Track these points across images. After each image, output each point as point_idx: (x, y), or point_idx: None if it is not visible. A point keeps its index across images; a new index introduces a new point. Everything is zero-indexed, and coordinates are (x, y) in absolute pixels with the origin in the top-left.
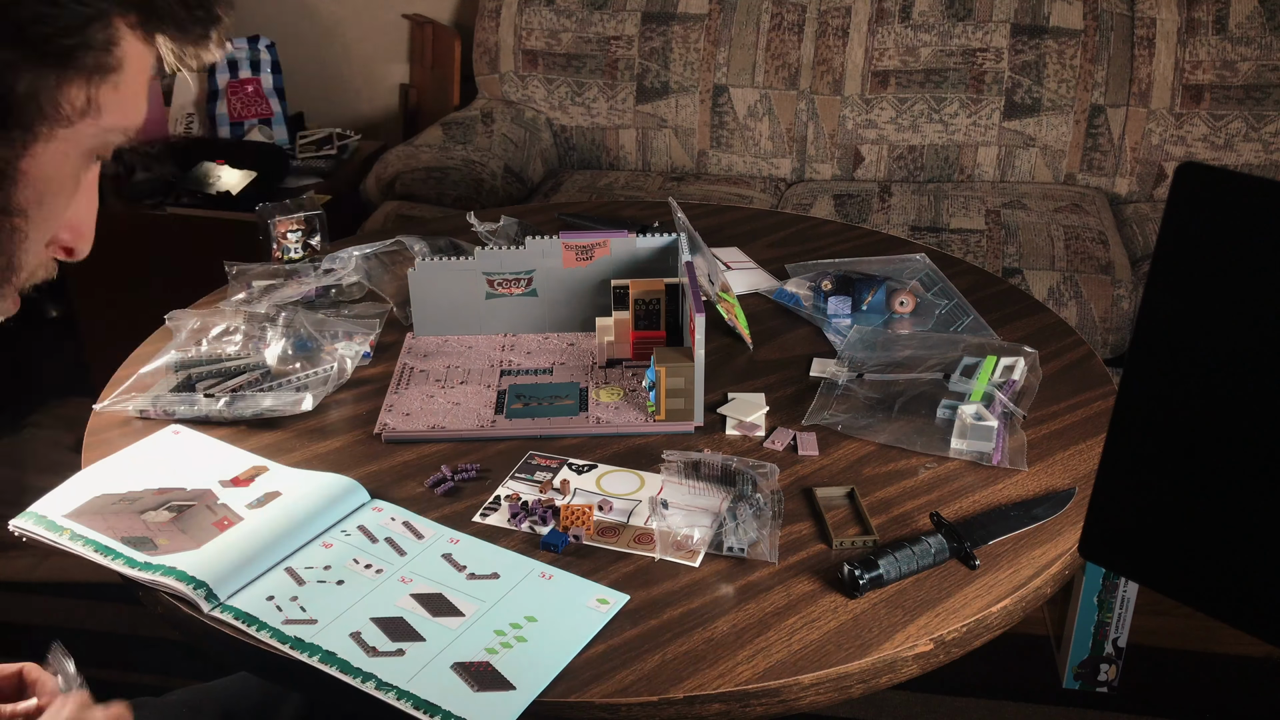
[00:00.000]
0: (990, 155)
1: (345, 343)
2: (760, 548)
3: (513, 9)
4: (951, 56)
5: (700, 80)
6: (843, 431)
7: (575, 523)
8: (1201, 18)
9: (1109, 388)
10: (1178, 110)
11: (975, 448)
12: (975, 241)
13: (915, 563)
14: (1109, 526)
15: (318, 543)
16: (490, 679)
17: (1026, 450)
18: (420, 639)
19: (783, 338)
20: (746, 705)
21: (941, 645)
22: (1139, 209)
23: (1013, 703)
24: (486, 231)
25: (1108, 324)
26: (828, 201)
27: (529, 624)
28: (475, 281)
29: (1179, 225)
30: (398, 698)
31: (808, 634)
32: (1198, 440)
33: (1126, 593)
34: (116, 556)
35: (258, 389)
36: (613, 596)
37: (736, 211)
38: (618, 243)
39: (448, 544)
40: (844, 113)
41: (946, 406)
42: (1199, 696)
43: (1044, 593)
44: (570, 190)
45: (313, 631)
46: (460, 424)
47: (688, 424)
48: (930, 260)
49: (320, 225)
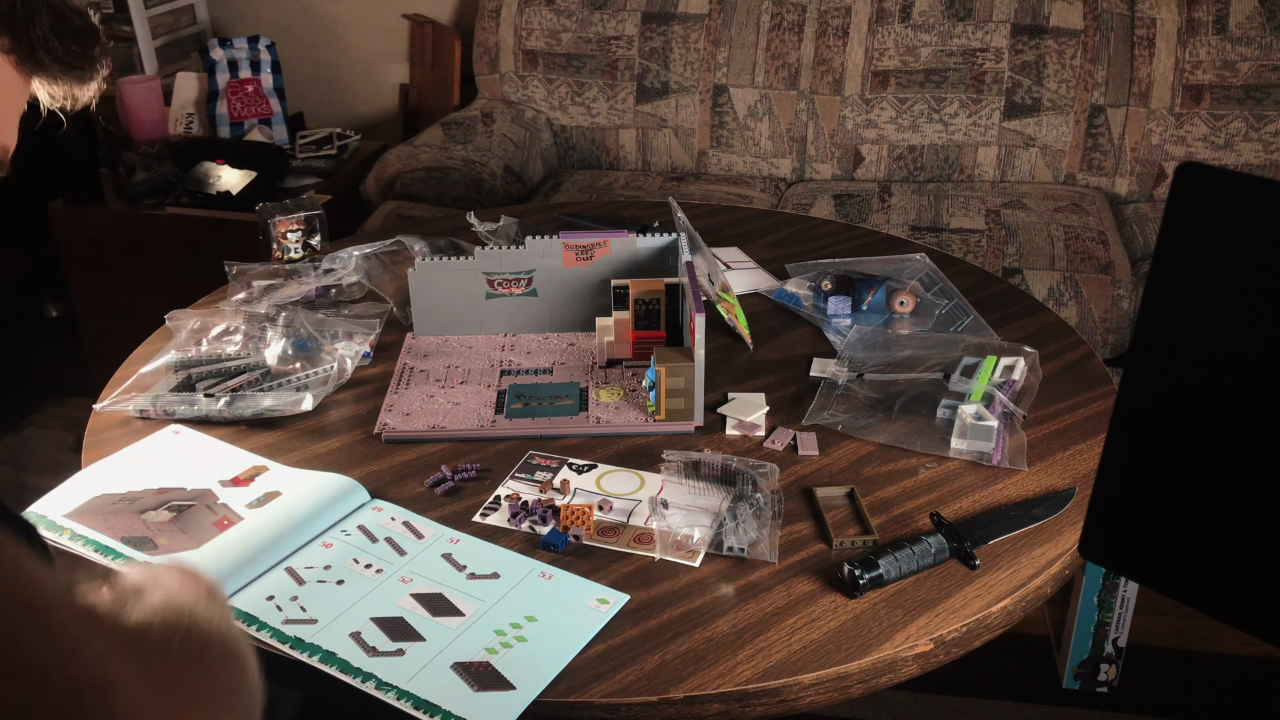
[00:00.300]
0: (990, 155)
1: (345, 342)
2: (760, 548)
3: (513, 9)
4: (951, 56)
5: (700, 80)
6: (843, 431)
7: (575, 522)
8: (1201, 18)
9: (1109, 388)
10: (1178, 110)
11: (975, 447)
12: (975, 241)
13: (915, 563)
14: (1109, 526)
15: (318, 542)
16: (490, 679)
17: (1026, 450)
18: (420, 639)
19: (783, 338)
20: (746, 705)
21: (941, 645)
22: (1139, 209)
23: (1013, 703)
24: (486, 231)
25: (1108, 324)
26: (828, 201)
27: (529, 624)
28: (475, 281)
29: (1179, 225)
30: (398, 698)
31: (808, 634)
32: (1198, 440)
33: (1126, 593)
34: (117, 556)
35: (257, 389)
36: (613, 596)
37: (736, 211)
38: (618, 242)
39: (448, 544)
40: (844, 113)
41: (946, 406)
42: (1199, 696)
43: (1044, 593)
44: (570, 190)
45: (313, 631)
46: (460, 424)
47: (688, 424)
48: (930, 260)
49: (320, 225)
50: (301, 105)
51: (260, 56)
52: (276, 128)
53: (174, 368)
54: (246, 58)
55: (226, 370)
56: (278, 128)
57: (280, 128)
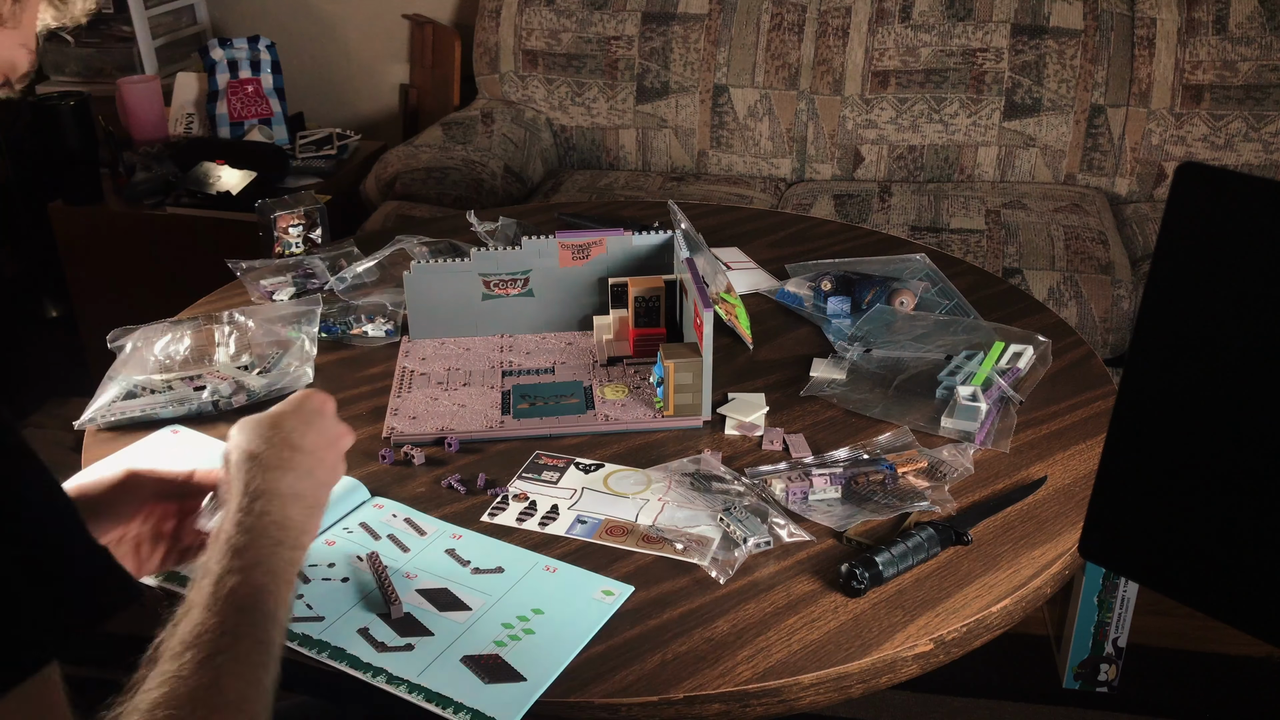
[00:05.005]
0: (990, 155)
1: (371, 325)
2: (760, 548)
3: (513, 9)
4: (951, 56)
5: (700, 80)
6: (838, 404)
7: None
8: (1201, 18)
9: (1109, 388)
10: (1178, 110)
11: (960, 427)
12: (975, 241)
13: (912, 558)
14: (1109, 526)
15: (320, 540)
16: (500, 671)
17: (1012, 435)
18: (428, 633)
19: (783, 338)
20: (746, 705)
21: (941, 645)
22: (1139, 209)
23: (1013, 703)
24: (485, 231)
25: (1108, 324)
26: (828, 201)
27: (536, 616)
28: (471, 283)
29: (1179, 225)
30: (409, 691)
31: (808, 634)
32: (1198, 440)
33: (1126, 593)
34: None
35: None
36: (617, 588)
37: (736, 211)
38: (614, 241)
39: (450, 539)
40: (844, 113)
41: (946, 386)
42: (1199, 696)
43: (1044, 593)
44: (570, 190)
45: (320, 628)
46: (468, 425)
47: (696, 419)
48: (930, 260)
49: (321, 219)
50: (301, 105)
51: (260, 56)
52: (276, 128)
53: (124, 396)
54: (246, 58)
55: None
56: (278, 128)
57: (280, 128)
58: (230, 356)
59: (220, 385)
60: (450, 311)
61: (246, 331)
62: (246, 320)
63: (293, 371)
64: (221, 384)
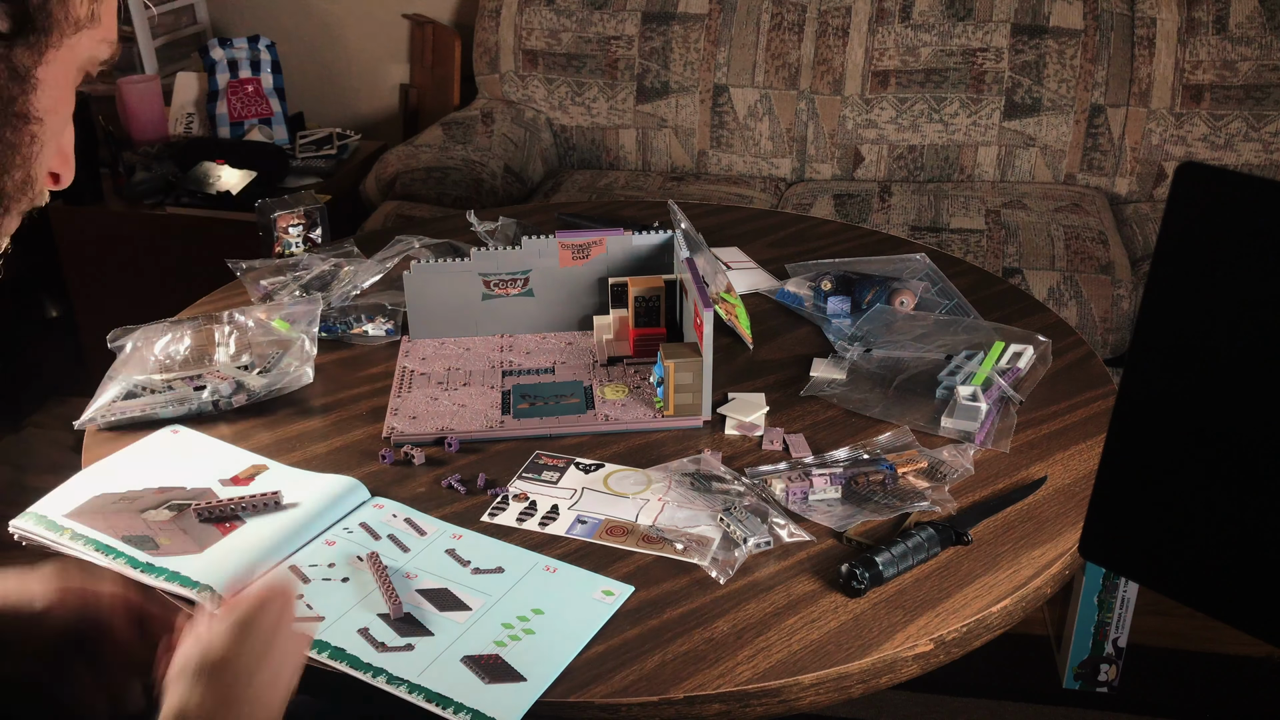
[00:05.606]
0: (990, 155)
1: (371, 324)
2: (760, 548)
3: (513, 9)
4: (951, 56)
5: (700, 80)
6: (837, 403)
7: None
8: (1201, 18)
9: (1109, 388)
10: (1178, 110)
11: (960, 427)
12: (975, 241)
13: (912, 558)
14: (1109, 526)
15: (320, 540)
16: (501, 671)
17: (1012, 435)
18: (428, 633)
19: (783, 338)
20: (746, 705)
21: (941, 645)
22: (1139, 209)
23: (1013, 703)
24: (485, 231)
25: (1108, 324)
26: (828, 201)
27: (536, 616)
28: (471, 283)
29: (1179, 225)
30: (409, 691)
31: (808, 634)
32: (1197, 440)
33: (1126, 593)
34: (118, 556)
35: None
36: (617, 588)
37: (736, 211)
38: (614, 241)
39: (450, 539)
40: (844, 113)
41: (946, 386)
42: (1199, 696)
43: (1044, 593)
44: (570, 190)
45: (320, 628)
46: (468, 425)
47: (696, 419)
48: (930, 260)
49: (321, 219)
50: (301, 105)
51: (260, 56)
52: (276, 128)
53: (124, 396)
54: (246, 58)
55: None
56: (278, 128)
57: (280, 128)
58: (230, 356)
59: (220, 385)
60: (450, 311)
61: (247, 331)
62: (248, 320)
63: (293, 371)
64: (222, 384)
